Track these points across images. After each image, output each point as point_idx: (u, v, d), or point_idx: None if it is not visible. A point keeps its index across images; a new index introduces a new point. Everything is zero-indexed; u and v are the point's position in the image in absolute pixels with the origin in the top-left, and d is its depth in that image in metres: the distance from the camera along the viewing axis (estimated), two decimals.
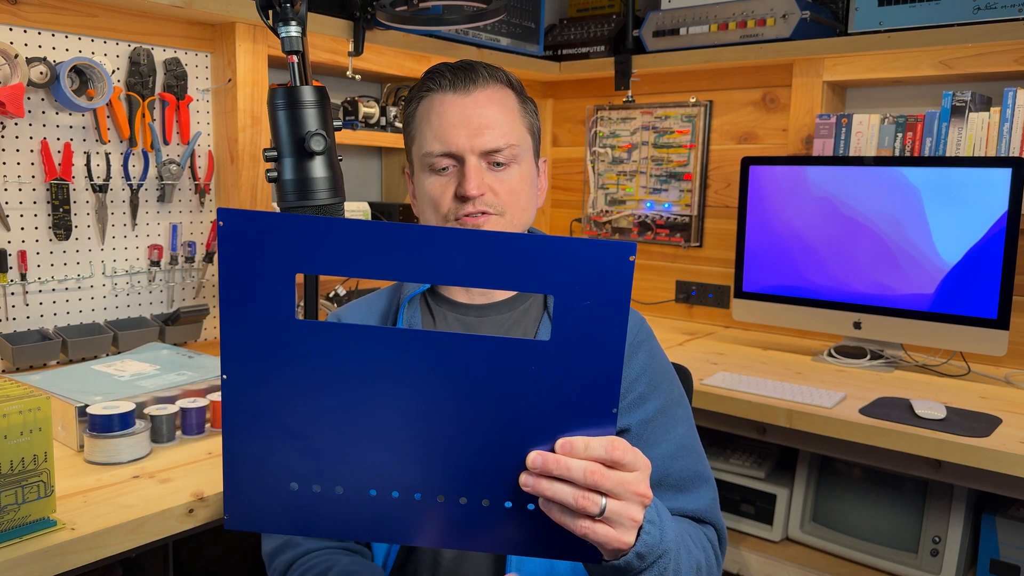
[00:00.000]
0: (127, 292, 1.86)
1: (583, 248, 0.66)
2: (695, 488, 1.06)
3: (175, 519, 1.15)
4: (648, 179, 2.71)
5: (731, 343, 2.35)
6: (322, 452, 0.72)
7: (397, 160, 2.55)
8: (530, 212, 1.11)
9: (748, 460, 2.08)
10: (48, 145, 1.68)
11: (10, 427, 0.98)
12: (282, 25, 1.16)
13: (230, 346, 0.70)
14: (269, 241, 0.66)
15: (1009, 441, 1.51)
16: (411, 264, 0.67)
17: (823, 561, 1.90)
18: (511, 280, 0.67)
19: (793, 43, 2.23)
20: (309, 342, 0.69)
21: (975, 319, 1.91)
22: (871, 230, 2.06)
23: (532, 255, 0.66)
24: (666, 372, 1.11)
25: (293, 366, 0.70)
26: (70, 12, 1.69)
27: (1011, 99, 1.94)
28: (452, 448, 0.72)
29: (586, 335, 0.68)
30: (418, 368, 0.69)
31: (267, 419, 0.72)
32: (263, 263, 0.67)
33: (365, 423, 0.71)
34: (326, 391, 0.70)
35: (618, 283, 0.67)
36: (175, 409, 1.39)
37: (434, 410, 0.71)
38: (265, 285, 0.68)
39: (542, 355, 0.68)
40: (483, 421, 0.71)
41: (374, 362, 0.69)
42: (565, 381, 0.69)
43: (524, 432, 0.71)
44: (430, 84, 1.08)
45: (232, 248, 0.67)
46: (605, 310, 0.67)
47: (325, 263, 0.67)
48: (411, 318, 1.10)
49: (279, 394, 0.71)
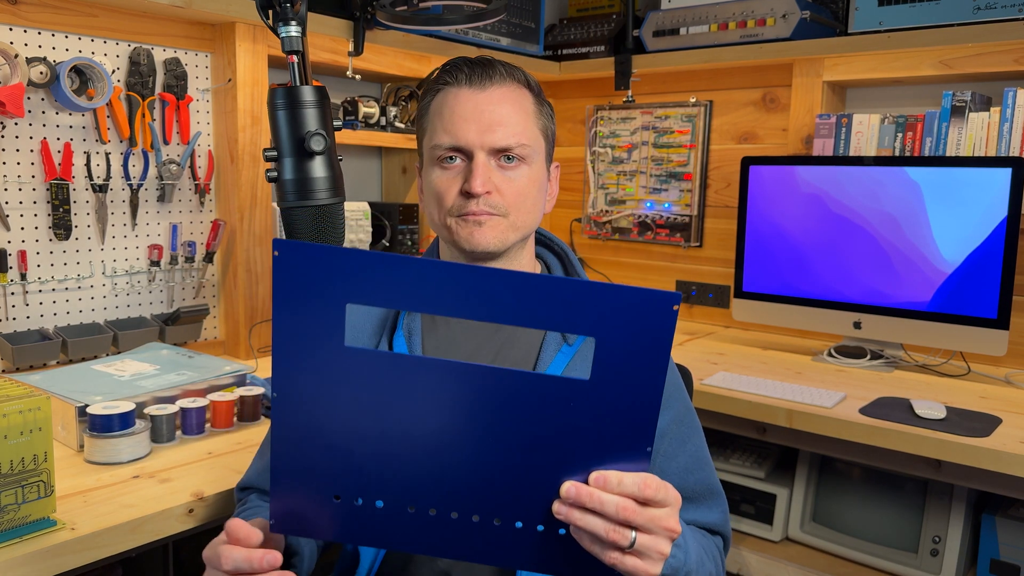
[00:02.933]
0: (127, 292, 1.86)
1: (628, 296, 0.68)
2: (709, 501, 1.07)
3: (175, 519, 1.15)
4: (648, 179, 2.71)
5: (731, 343, 2.35)
6: (364, 469, 0.76)
7: (397, 160, 2.55)
8: (535, 216, 1.08)
9: (748, 460, 2.08)
10: (48, 145, 1.68)
11: (10, 427, 0.98)
12: (282, 25, 1.16)
13: (282, 367, 0.73)
14: (321, 272, 0.69)
15: (1009, 441, 1.51)
16: (458, 302, 0.70)
17: (823, 561, 1.90)
18: (554, 322, 0.70)
19: (793, 43, 2.23)
20: (356, 368, 0.72)
21: (975, 319, 1.91)
22: (870, 230, 2.06)
23: (577, 299, 0.69)
24: (676, 383, 1.11)
25: (340, 389, 0.73)
26: (70, 12, 1.69)
27: (1011, 99, 1.94)
28: (488, 473, 0.75)
29: (626, 377, 0.70)
30: (460, 398, 0.72)
31: (313, 436, 0.75)
32: (315, 293, 0.70)
33: (406, 445, 0.74)
34: (368, 412, 0.74)
35: (660, 330, 0.69)
36: (175, 409, 1.39)
37: (472, 438, 0.74)
38: (315, 313, 0.71)
39: (581, 393, 0.71)
40: (520, 450, 0.73)
41: (419, 390, 0.73)
42: (603, 418, 0.72)
43: (560, 462, 0.74)
44: (447, 78, 1.06)
45: (286, 277, 0.70)
46: (646, 355, 0.70)
47: (375, 295, 0.70)
48: (411, 323, 1.10)
49: (323, 413, 0.74)
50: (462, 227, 1.03)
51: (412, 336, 1.08)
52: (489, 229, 1.03)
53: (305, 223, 1.19)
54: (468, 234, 1.03)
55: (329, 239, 1.22)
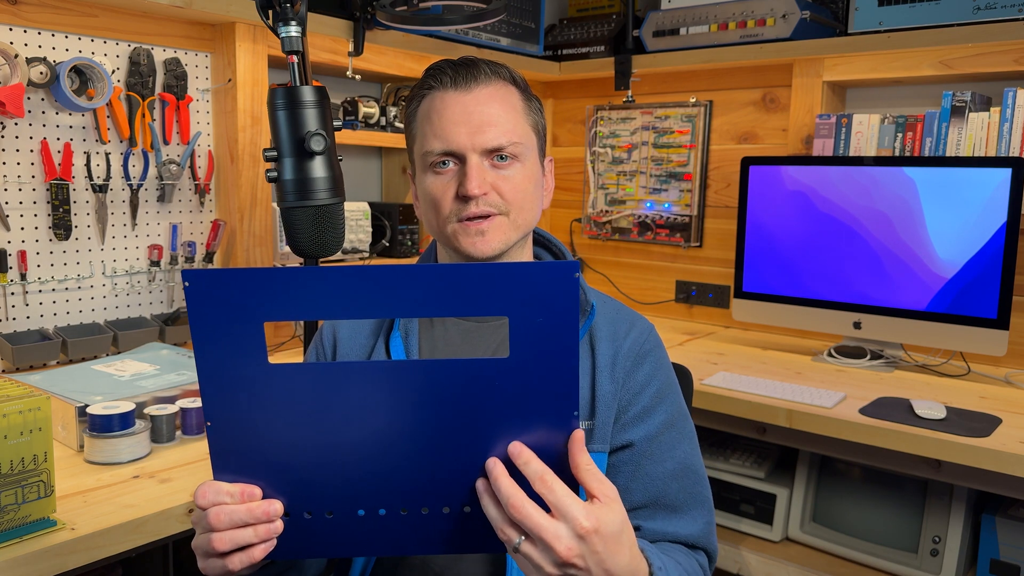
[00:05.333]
0: (127, 292, 1.86)
1: (530, 271, 0.71)
2: (691, 511, 1.02)
3: (175, 519, 1.15)
4: (648, 179, 2.71)
5: (731, 343, 2.35)
6: (306, 481, 0.77)
7: (397, 160, 2.55)
8: (535, 212, 1.07)
9: (748, 460, 2.08)
10: (48, 145, 1.68)
11: (10, 427, 0.98)
12: (282, 25, 1.16)
13: (209, 394, 0.74)
14: (234, 296, 0.71)
15: (1009, 441, 1.51)
16: (372, 303, 0.72)
17: (823, 561, 1.90)
18: (465, 307, 0.72)
19: (793, 43, 2.23)
20: (280, 383, 0.74)
21: (975, 319, 1.91)
22: (869, 231, 2.06)
23: (481, 283, 0.71)
24: (672, 384, 1.08)
25: (268, 406, 0.74)
26: (70, 12, 1.69)
27: (1011, 99, 1.94)
28: (428, 463, 0.76)
29: (542, 349, 0.72)
30: (388, 397, 0.74)
31: (250, 456, 0.76)
32: (230, 316, 0.71)
33: (343, 451, 0.76)
34: (302, 426, 0.75)
35: (565, 300, 0.71)
36: (175, 409, 1.39)
37: (407, 433, 0.75)
38: (235, 336, 0.72)
39: (504, 371, 0.73)
40: (455, 436, 0.75)
41: (345, 395, 0.74)
42: (527, 392, 0.73)
43: (492, 440, 0.75)
44: (431, 82, 1.05)
45: (200, 306, 0.71)
46: (557, 325, 0.71)
47: (289, 310, 0.72)
48: (408, 324, 1.09)
49: (259, 433, 0.75)
50: (464, 236, 1.02)
51: (409, 336, 1.08)
52: (491, 235, 1.02)
53: (305, 223, 1.19)
54: (471, 244, 1.02)
55: (329, 239, 1.22)
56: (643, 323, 1.10)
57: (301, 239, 1.21)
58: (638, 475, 1.02)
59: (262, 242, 1.98)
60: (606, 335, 1.06)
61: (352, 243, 2.20)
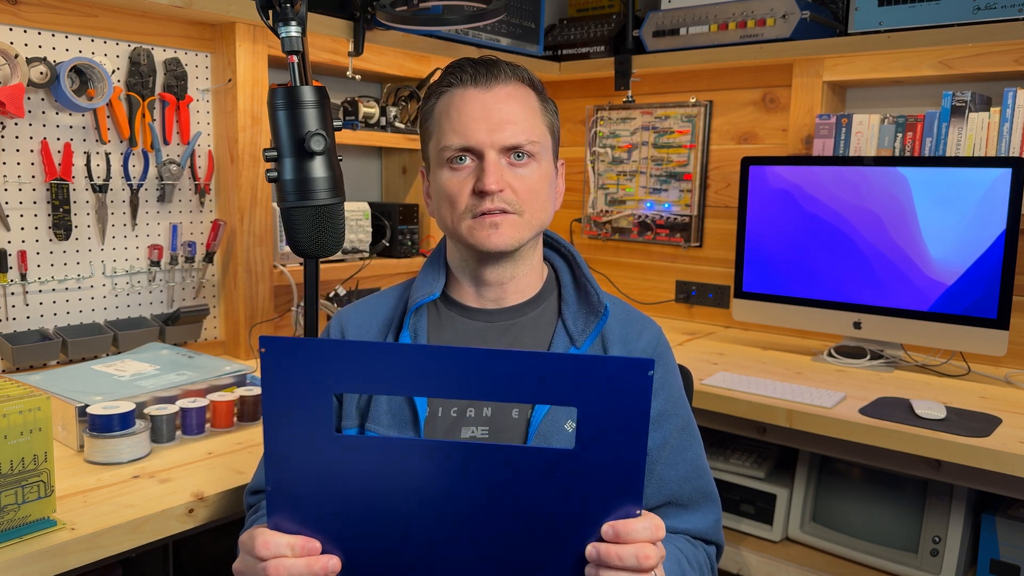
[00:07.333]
0: (127, 292, 1.86)
1: (604, 365, 0.71)
2: (702, 507, 1.08)
3: (175, 519, 1.15)
4: (648, 179, 2.71)
5: (731, 343, 2.35)
6: (361, 558, 0.77)
7: (397, 160, 2.55)
8: (548, 213, 1.08)
9: (748, 460, 2.08)
10: (48, 145, 1.68)
11: (10, 427, 0.98)
12: (282, 25, 1.16)
13: (273, 460, 0.74)
14: (306, 365, 0.71)
15: (1009, 441, 1.51)
16: (442, 383, 0.72)
17: (823, 561, 1.90)
18: (535, 395, 0.72)
19: (793, 43, 2.23)
20: (346, 455, 0.74)
21: (975, 319, 1.91)
22: (869, 230, 2.06)
23: (555, 372, 0.71)
24: (680, 389, 1.12)
25: (331, 478, 0.74)
26: (70, 12, 1.69)
27: (1011, 99, 1.94)
28: (483, 543, 0.76)
29: (609, 442, 0.72)
30: (449, 476, 0.74)
31: (309, 527, 0.76)
32: (303, 386, 0.72)
33: (402, 529, 0.76)
34: (363, 500, 0.75)
35: (637, 395, 0.71)
36: (175, 409, 1.39)
37: (463, 513, 0.75)
38: (305, 404, 0.72)
39: (567, 462, 0.73)
40: (512, 521, 0.75)
41: (408, 472, 0.74)
42: (591, 483, 0.73)
43: (552, 528, 0.75)
44: (451, 79, 1.06)
45: (274, 372, 0.72)
46: (626, 419, 0.71)
47: (361, 383, 0.73)
48: (417, 324, 1.09)
49: (319, 504, 0.75)
50: (478, 230, 1.03)
51: (418, 337, 1.08)
52: (505, 230, 1.02)
53: (305, 223, 1.20)
54: (485, 237, 1.02)
55: (329, 239, 1.22)
56: (653, 327, 1.13)
57: (301, 239, 1.21)
58: (652, 479, 1.06)
59: (262, 242, 1.98)
60: (618, 338, 1.08)
61: (352, 243, 2.20)
